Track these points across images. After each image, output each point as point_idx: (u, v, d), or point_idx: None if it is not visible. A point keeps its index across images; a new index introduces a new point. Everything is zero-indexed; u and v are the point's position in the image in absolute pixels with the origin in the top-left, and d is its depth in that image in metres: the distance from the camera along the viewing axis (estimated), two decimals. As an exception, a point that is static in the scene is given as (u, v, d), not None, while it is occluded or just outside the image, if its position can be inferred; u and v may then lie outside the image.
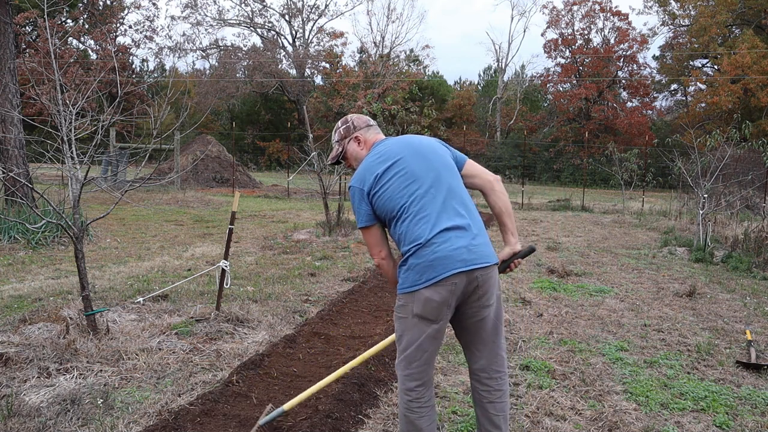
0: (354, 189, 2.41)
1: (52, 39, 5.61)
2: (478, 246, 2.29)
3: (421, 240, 2.24)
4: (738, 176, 13.81)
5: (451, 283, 2.23)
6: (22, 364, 3.49)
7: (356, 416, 3.09)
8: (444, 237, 2.24)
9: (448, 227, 2.26)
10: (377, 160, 2.40)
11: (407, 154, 2.39)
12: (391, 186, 2.33)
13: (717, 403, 3.38)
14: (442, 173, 2.37)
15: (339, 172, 11.11)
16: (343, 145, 2.59)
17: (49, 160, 4.54)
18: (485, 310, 2.34)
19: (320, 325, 4.63)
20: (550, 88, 41.16)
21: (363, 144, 2.55)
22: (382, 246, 2.43)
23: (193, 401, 3.14)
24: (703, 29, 33.41)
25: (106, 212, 4.40)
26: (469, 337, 2.42)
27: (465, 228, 2.29)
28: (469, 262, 2.24)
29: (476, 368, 2.45)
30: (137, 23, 39.95)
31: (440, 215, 2.28)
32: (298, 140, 32.31)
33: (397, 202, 2.31)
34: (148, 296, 5.12)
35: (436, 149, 2.46)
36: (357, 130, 2.57)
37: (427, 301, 2.24)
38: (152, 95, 29.59)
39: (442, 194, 2.32)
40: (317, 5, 51.64)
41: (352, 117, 2.62)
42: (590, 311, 5.40)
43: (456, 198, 2.35)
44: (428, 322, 2.28)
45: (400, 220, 2.31)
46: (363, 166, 2.43)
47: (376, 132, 2.59)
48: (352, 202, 2.43)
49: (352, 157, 2.57)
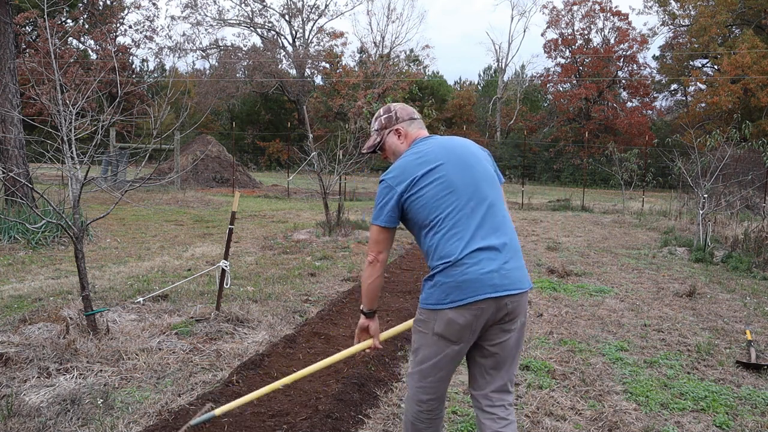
0: (386, 185, 2.23)
1: (52, 39, 5.61)
2: (511, 270, 2.13)
3: (450, 258, 2.09)
4: (738, 176, 13.81)
5: (478, 308, 2.09)
6: (22, 364, 3.49)
7: (356, 416, 3.09)
8: (476, 258, 2.09)
9: (482, 247, 2.10)
10: (417, 160, 2.23)
11: (449, 161, 2.21)
12: (428, 193, 2.16)
13: (717, 403, 3.38)
14: (483, 186, 2.21)
15: (339, 172, 11.10)
16: (382, 135, 2.42)
17: (49, 160, 4.54)
18: (506, 334, 2.19)
19: (320, 325, 4.63)
20: (550, 88, 41.17)
21: (403, 138, 2.39)
22: (384, 247, 2.28)
23: (193, 401, 3.14)
24: (703, 29, 33.41)
25: (106, 212, 4.40)
26: (481, 360, 2.25)
27: (499, 249, 2.13)
28: (499, 288, 2.09)
29: (479, 394, 2.27)
30: (137, 23, 39.98)
31: (475, 233, 2.12)
32: (298, 140, 32.31)
33: (432, 212, 2.16)
34: (148, 296, 5.12)
35: (480, 159, 2.29)
36: (399, 121, 2.40)
37: (450, 323, 2.11)
38: (152, 95, 29.59)
39: (481, 210, 2.16)
40: (317, 5, 51.69)
41: (396, 107, 2.45)
42: (590, 311, 5.40)
43: (495, 215, 2.19)
44: (449, 342, 2.14)
45: (432, 232, 2.16)
46: (400, 163, 2.26)
47: (419, 127, 2.42)
48: (379, 196, 2.25)
49: (389, 150, 2.41)
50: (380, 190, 2.26)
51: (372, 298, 2.33)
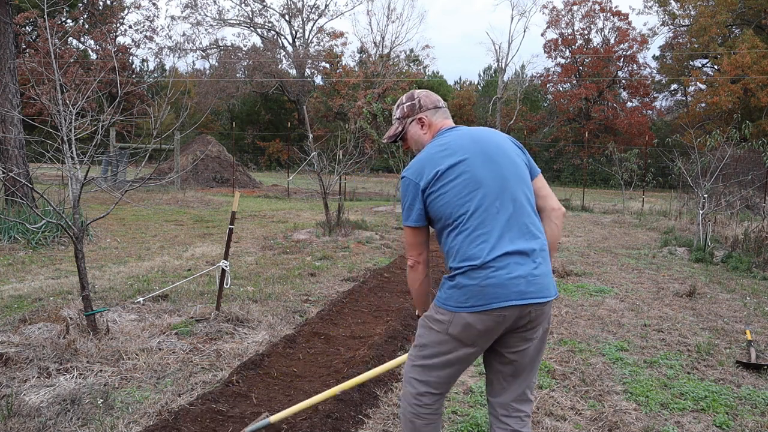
0: (408, 181, 2.10)
1: (52, 39, 5.61)
2: (539, 277, 1.99)
3: (476, 262, 1.95)
4: (738, 176, 13.81)
5: (500, 314, 1.96)
6: (22, 364, 3.49)
7: (356, 416, 3.09)
8: (503, 262, 1.95)
9: (510, 251, 1.97)
10: (441, 152, 2.07)
11: (475, 154, 2.06)
12: (452, 189, 2.02)
13: (717, 403, 3.38)
14: (511, 183, 2.05)
15: (339, 172, 11.10)
16: (404, 124, 2.27)
17: (49, 160, 4.54)
18: (527, 342, 2.07)
19: (320, 325, 4.63)
20: (550, 88, 41.19)
21: (427, 127, 2.24)
22: (423, 248, 2.13)
23: (193, 401, 3.14)
24: (703, 29, 33.43)
25: (106, 212, 4.40)
26: (499, 367, 2.14)
27: (528, 254, 1.99)
28: (526, 296, 1.96)
29: (496, 402, 2.16)
30: (137, 23, 40.05)
31: (503, 235, 1.98)
32: (298, 140, 32.32)
33: (455, 210, 2.01)
34: (148, 296, 5.12)
35: (509, 153, 2.13)
36: (423, 110, 2.24)
37: (468, 327, 1.98)
38: (152, 95, 29.60)
39: (508, 209, 2.02)
40: (317, 5, 51.70)
41: (420, 94, 2.29)
42: (590, 311, 5.40)
43: (524, 215, 2.04)
44: (462, 344, 2.03)
45: (455, 232, 2.02)
46: (423, 156, 2.11)
47: (444, 116, 2.26)
48: (404, 195, 2.12)
49: (412, 140, 2.27)
50: (403, 187, 2.13)
51: (423, 303, 2.23)
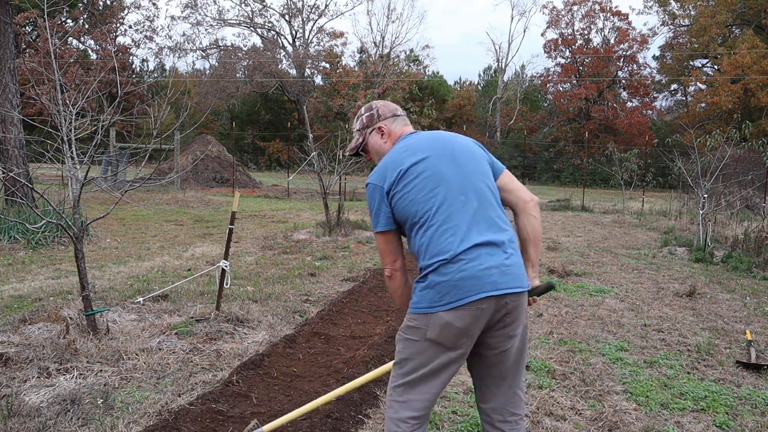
0: (373, 187, 2.09)
1: (52, 39, 5.61)
2: (511, 267, 1.97)
3: (446, 255, 1.93)
4: (738, 176, 13.81)
5: (477, 308, 1.91)
6: (22, 364, 3.49)
7: (356, 416, 3.09)
8: (474, 254, 1.93)
9: (480, 243, 1.95)
10: (402, 154, 2.08)
11: (436, 153, 2.07)
12: (415, 187, 2.02)
13: (717, 403, 3.38)
14: (474, 178, 2.06)
15: (339, 172, 11.10)
16: (364, 135, 2.27)
17: (49, 160, 4.54)
18: (509, 341, 2.02)
19: (320, 325, 4.63)
20: (550, 88, 41.18)
21: (387, 136, 2.24)
22: (397, 255, 2.10)
23: (193, 401, 3.14)
24: (703, 29, 33.43)
25: (106, 212, 4.40)
26: (484, 371, 2.09)
27: (498, 245, 1.97)
28: (500, 286, 1.93)
29: (488, 408, 2.10)
30: (137, 23, 40.00)
31: (471, 227, 1.96)
32: (298, 140, 32.31)
33: (420, 207, 2.00)
34: (148, 296, 5.12)
35: (470, 150, 2.14)
36: (381, 119, 2.25)
37: (446, 326, 1.93)
38: (152, 95, 29.60)
39: (473, 203, 2.01)
40: (317, 5, 51.66)
41: (378, 104, 2.30)
42: (590, 311, 5.40)
43: (490, 208, 2.03)
44: (443, 348, 1.96)
45: (422, 229, 2.00)
46: (385, 160, 2.11)
47: (403, 123, 2.27)
48: (370, 201, 2.11)
49: (373, 150, 2.27)
50: (368, 194, 2.12)
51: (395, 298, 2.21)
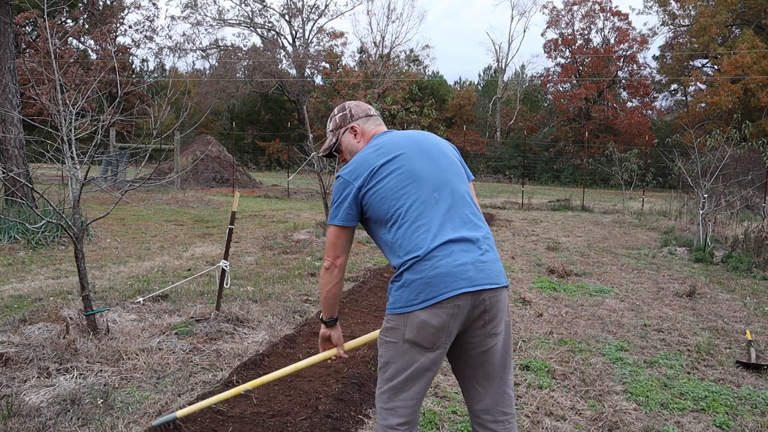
0: (342, 180, 2.08)
1: (52, 39, 5.61)
2: (486, 263, 1.97)
3: (419, 252, 1.92)
4: (738, 176, 13.81)
5: (453, 305, 1.90)
6: (22, 364, 3.49)
7: (356, 416, 3.09)
8: (447, 250, 1.92)
9: (453, 239, 1.94)
10: (375, 152, 2.08)
11: (410, 150, 2.07)
12: (388, 184, 2.01)
13: (717, 403, 3.38)
14: (448, 176, 2.06)
15: (339, 172, 11.11)
16: (337, 135, 2.28)
17: (49, 160, 4.54)
18: (492, 339, 2.00)
19: (320, 325, 4.63)
20: (550, 88, 41.16)
21: (360, 136, 2.24)
22: (343, 251, 2.10)
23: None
24: (703, 29, 33.42)
25: (106, 212, 4.40)
26: (471, 372, 2.07)
27: (472, 241, 1.97)
28: (476, 282, 1.91)
29: (478, 409, 2.08)
30: (137, 23, 39.94)
31: (443, 224, 1.96)
32: (298, 140, 32.30)
33: (392, 204, 1.99)
34: (148, 296, 5.12)
35: (443, 149, 2.16)
36: (354, 119, 2.25)
37: (423, 326, 1.91)
38: (152, 95, 29.57)
39: (447, 200, 2.01)
40: (317, 5, 51.66)
41: (350, 104, 2.31)
42: (590, 311, 5.40)
43: (464, 206, 2.04)
44: (422, 349, 1.94)
45: (395, 226, 1.99)
46: (358, 157, 2.12)
47: (376, 123, 2.27)
48: (335, 193, 2.09)
49: (346, 150, 2.27)
50: (336, 186, 2.10)
51: (331, 307, 2.22)
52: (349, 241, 2.12)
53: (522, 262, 7.92)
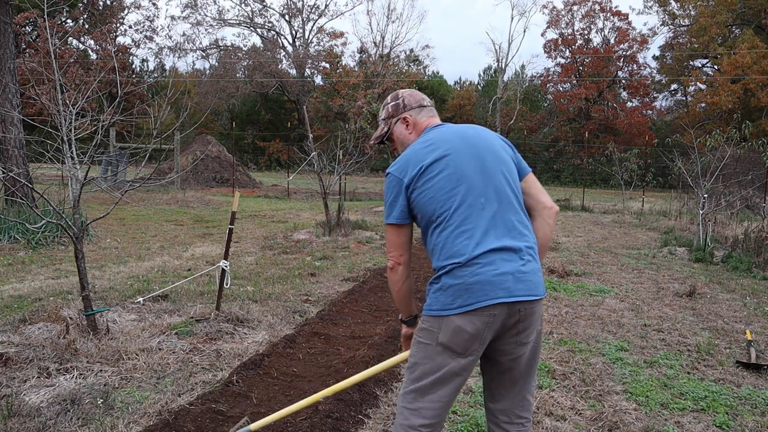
0: (392, 178, 2.05)
1: (52, 39, 5.61)
2: (527, 274, 1.94)
3: (460, 259, 1.90)
4: (738, 176, 13.80)
5: (489, 314, 1.89)
6: (22, 364, 3.49)
7: (356, 416, 3.09)
8: (489, 258, 1.90)
9: (496, 248, 1.91)
10: (425, 148, 2.04)
11: (460, 149, 2.02)
12: (435, 186, 1.97)
13: (717, 403, 3.38)
14: (497, 179, 2.01)
15: (339, 172, 11.10)
16: (389, 124, 2.24)
17: (49, 160, 4.54)
18: (522, 347, 1.99)
19: (320, 325, 4.63)
20: (550, 88, 41.18)
21: (411, 127, 2.20)
22: (404, 249, 2.07)
23: (193, 401, 3.14)
24: (703, 29, 33.42)
25: (106, 212, 4.40)
26: (496, 374, 2.07)
27: (515, 250, 1.94)
28: (514, 293, 1.90)
29: (496, 408, 2.09)
30: (137, 23, 40.00)
31: (488, 231, 1.93)
32: (298, 140, 32.30)
33: (439, 207, 1.96)
34: (148, 296, 5.12)
35: (496, 149, 2.08)
36: (407, 109, 2.21)
37: (458, 331, 1.90)
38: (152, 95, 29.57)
39: (493, 205, 1.96)
40: (317, 5, 51.62)
41: (404, 93, 2.27)
42: (590, 311, 5.40)
43: (511, 212, 1.99)
44: (454, 354, 1.93)
45: (439, 228, 1.96)
46: (407, 153, 2.08)
47: (429, 114, 2.22)
48: (387, 192, 2.07)
49: (398, 141, 2.23)
50: (387, 184, 2.08)
51: (406, 305, 2.16)
52: (409, 238, 2.09)
53: None
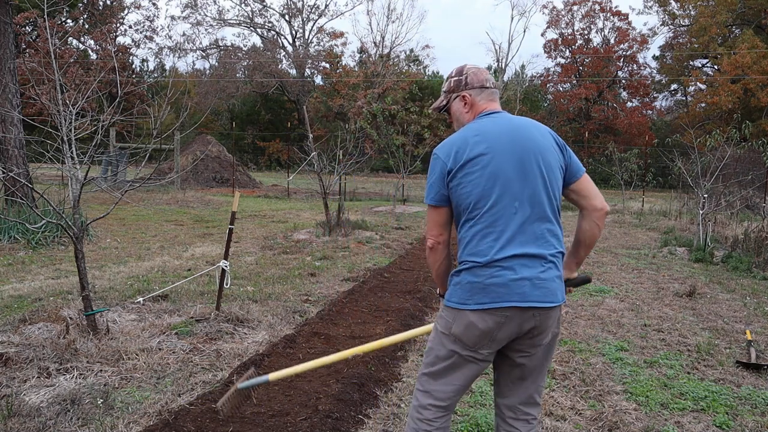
0: (437, 160, 2.05)
1: (52, 39, 5.61)
2: (545, 281, 1.96)
3: (482, 259, 1.94)
4: (738, 176, 13.80)
5: (502, 315, 1.93)
6: (22, 364, 3.49)
7: (356, 416, 3.09)
8: (509, 263, 1.93)
9: (518, 254, 1.94)
10: (473, 138, 2.02)
11: (506, 148, 1.99)
12: (474, 181, 1.97)
13: (717, 403, 3.38)
14: (536, 184, 1.98)
15: (339, 172, 11.10)
16: (448, 98, 2.21)
17: (49, 160, 4.54)
18: (536, 348, 2.05)
19: (320, 325, 4.63)
20: (550, 88, 41.21)
21: (469, 106, 2.16)
22: (444, 229, 2.06)
23: (193, 401, 3.14)
24: (703, 29, 33.44)
25: (106, 212, 4.40)
26: (507, 369, 2.12)
27: (537, 257, 1.96)
28: (529, 298, 1.93)
29: (503, 403, 2.15)
30: (137, 23, 40.05)
31: (514, 237, 1.95)
32: (298, 140, 32.29)
33: (473, 201, 1.97)
34: (148, 296, 5.12)
35: (544, 152, 2.03)
36: (468, 88, 2.16)
37: (470, 326, 1.96)
38: (152, 95, 29.57)
39: (526, 212, 1.97)
40: (317, 5, 51.66)
41: (469, 70, 2.19)
42: (590, 311, 5.40)
43: (542, 221, 2.00)
44: (464, 346, 2.00)
45: (469, 223, 1.99)
46: (456, 138, 2.06)
47: (489, 98, 2.15)
48: (430, 171, 2.06)
49: (454, 116, 2.21)
50: (432, 164, 2.07)
51: (443, 282, 2.17)
52: (449, 218, 2.08)
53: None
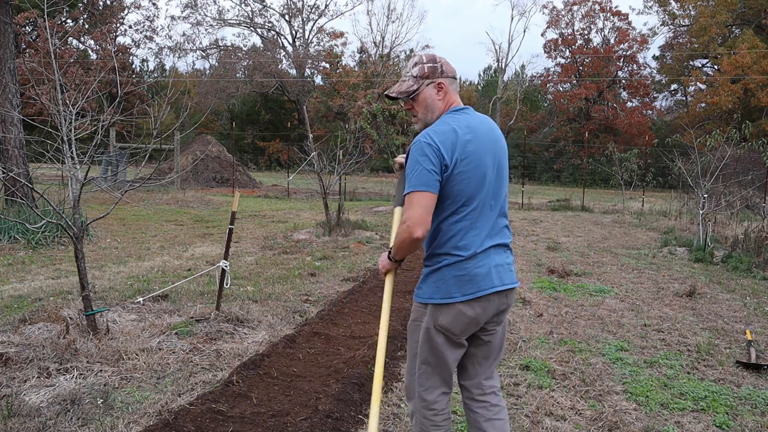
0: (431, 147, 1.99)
1: (52, 39, 5.61)
2: (510, 265, 2.24)
3: (466, 253, 2.08)
4: (738, 176, 13.80)
5: (487, 299, 2.13)
6: (22, 364, 3.49)
7: (356, 416, 3.09)
8: (488, 253, 2.13)
9: (493, 245, 2.15)
10: (465, 132, 2.05)
11: (488, 147, 2.12)
12: (466, 178, 2.05)
13: (717, 403, 3.38)
14: (503, 181, 2.22)
15: (339, 172, 11.10)
16: (420, 84, 2.15)
17: (49, 160, 4.54)
18: (499, 326, 2.27)
19: (320, 325, 4.63)
20: (550, 88, 41.20)
21: (443, 94, 2.16)
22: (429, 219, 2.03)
23: (193, 401, 3.14)
24: (703, 29, 33.43)
25: (106, 212, 4.40)
26: (473, 350, 2.28)
27: (503, 246, 2.21)
28: (504, 281, 2.17)
29: (470, 384, 2.32)
30: (137, 23, 39.98)
31: (490, 232, 2.15)
32: (298, 140, 32.28)
33: (463, 197, 2.06)
34: (148, 296, 5.12)
35: (505, 150, 2.26)
36: (444, 76, 2.16)
37: (459, 315, 2.11)
38: (152, 95, 29.57)
39: (497, 209, 2.18)
40: (317, 5, 51.62)
41: (441, 59, 2.20)
42: (590, 311, 5.40)
43: (504, 216, 2.24)
44: (451, 334, 2.16)
45: (454, 217, 2.08)
46: (447, 128, 2.05)
47: (456, 90, 2.23)
48: (422, 159, 1.99)
49: (423, 104, 2.16)
50: (420, 149, 2.00)
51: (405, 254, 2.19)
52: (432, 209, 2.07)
53: (522, 262, 7.91)
